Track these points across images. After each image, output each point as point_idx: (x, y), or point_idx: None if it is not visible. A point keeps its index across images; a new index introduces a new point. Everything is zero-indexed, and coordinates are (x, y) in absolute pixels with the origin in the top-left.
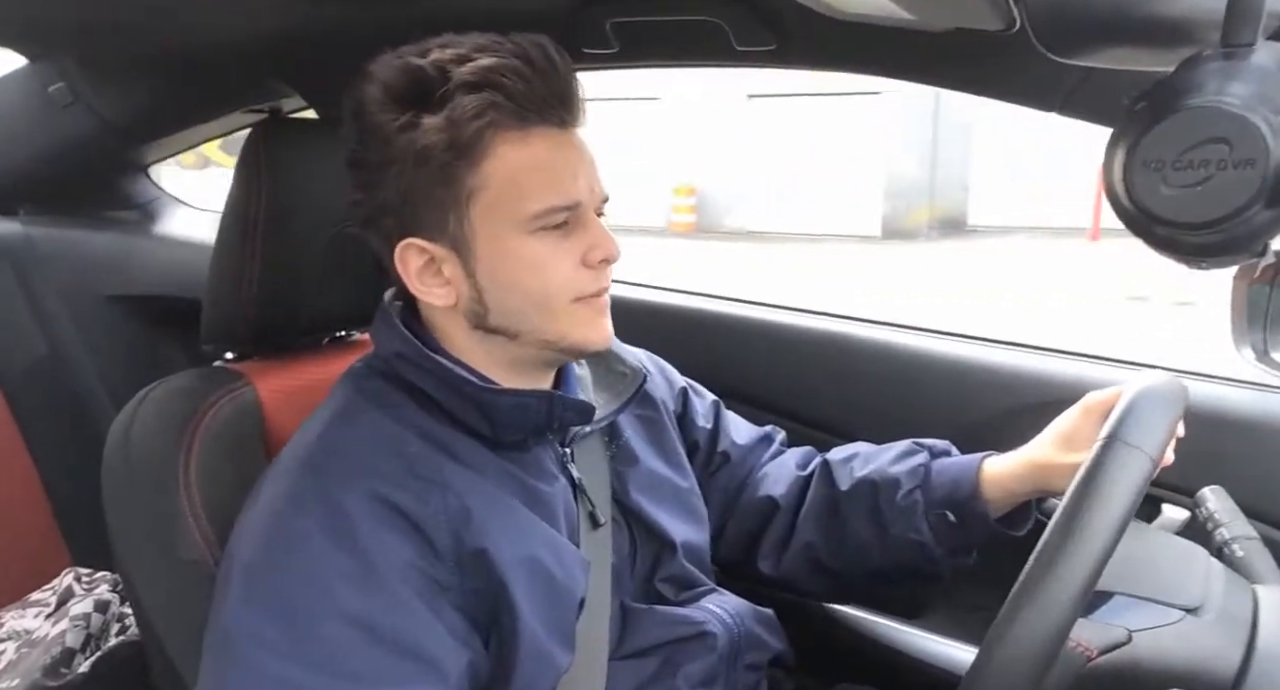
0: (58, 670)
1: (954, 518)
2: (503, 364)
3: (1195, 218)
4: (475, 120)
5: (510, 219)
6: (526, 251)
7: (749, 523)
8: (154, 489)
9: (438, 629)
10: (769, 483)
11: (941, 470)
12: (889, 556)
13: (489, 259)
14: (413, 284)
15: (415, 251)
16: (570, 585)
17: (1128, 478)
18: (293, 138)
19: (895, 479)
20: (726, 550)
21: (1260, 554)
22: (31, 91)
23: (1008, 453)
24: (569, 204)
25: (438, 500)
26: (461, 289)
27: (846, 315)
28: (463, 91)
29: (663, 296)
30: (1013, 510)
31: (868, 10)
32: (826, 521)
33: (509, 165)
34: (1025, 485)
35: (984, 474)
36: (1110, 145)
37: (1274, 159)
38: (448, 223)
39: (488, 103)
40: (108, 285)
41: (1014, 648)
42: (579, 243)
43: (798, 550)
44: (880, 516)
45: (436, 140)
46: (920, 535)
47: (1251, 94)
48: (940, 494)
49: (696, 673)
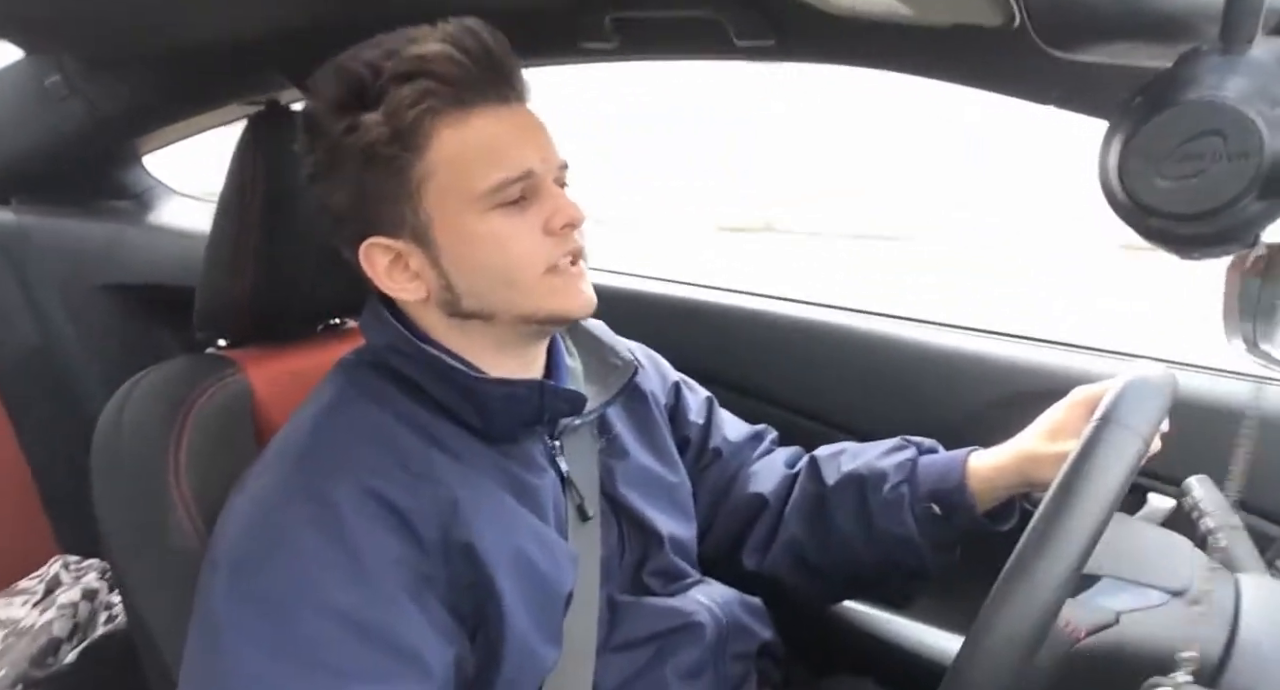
0: (45, 659)
1: (939, 511)
2: (487, 349)
3: (1188, 209)
4: (413, 109)
5: (462, 200)
6: (485, 229)
7: (736, 520)
8: (143, 476)
9: (423, 624)
10: (757, 480)
11: (928, 464)
12: (874, 551)
13: (450, 245)
14: (383, 283)
15: (379, 250)
16: (557, 580)
17: (1120, 456)
18: (289, 129)
19: (883, 472)
20: (713, 547)
21: (1244, 543)
22: (28, 84)
23: (994, 447)
24: (519, 174)
25: (427, 493)
26: (430, 280)
27: (840, 306)
28: (396, 83)
29: (653, 286)
30: (997, 507)
31: (867, 6)
32: (812, 517)
33: (453, 148)
34: (1011, 478)
35: (970, 466)
36: (1106, 138)
37: (1268, 152)
38: (404, 216)
39: (423, 90)
40: (101, 274)
41: (1007, 621)
42: (538, 212)
43: (783, 546)
44: (866, 509)
45: (379, 134)
46: (905, 528)
47: (1248, 88)
48: (926, 487)
49: (685, 663)
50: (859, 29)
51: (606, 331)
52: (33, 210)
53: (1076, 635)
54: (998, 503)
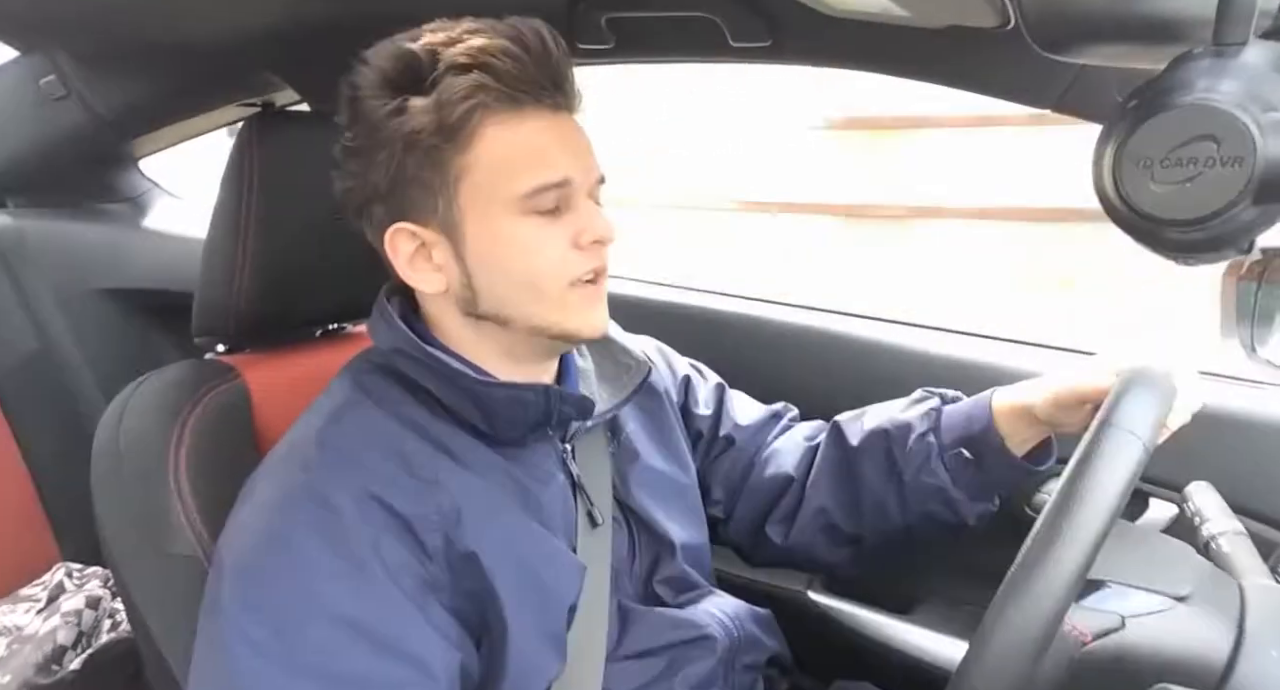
0: (49, 667)
1: (970, 455)
2: (498, 354)
3: (1182, 214)
4: (464, 102)
5: (498, 200)
6: (515, 234)
7: (760, 501)
8: (143, 482)
9: (428, 631)
10: (778, 458)
11: (953, 411)
12: (908, 509)
13: (478, 242)
14: (403, 269)
15: (406, 236)
16: (562, 591)
17: (1122, 460)
18: (285, 131)
19: (907, 424)
20: (738, 532)
21: (1246, 549)
22: (22, 84)
23: (1017, 384)
24: (557, 181)
25: (431, 500)
26: (452, 274)
27: (850, 312)
28: (452, 73)
29: (663, 292)
30: (1033, 449)
31: (863, 7)
32: (839, 482)
33: (497, 146)
34: (1041, 412)
35: (995, 407)
36: (1100, 141)
37: (1261, 157)
38: (437, 206)
39: (476, 84)
40: (98, 278)
41: (1013, 626)
42: (569, 225)
43: (810, 516)
44: (894, 465)
45: (425, 123)
46: (938, 478)
47: (1241, 92)
48: (953, 434)
49: (696, 675)
50: (855, 30)
51: (618, 330)
52: (29, 213)
53: (1083, 639)
54: (1031, 444)
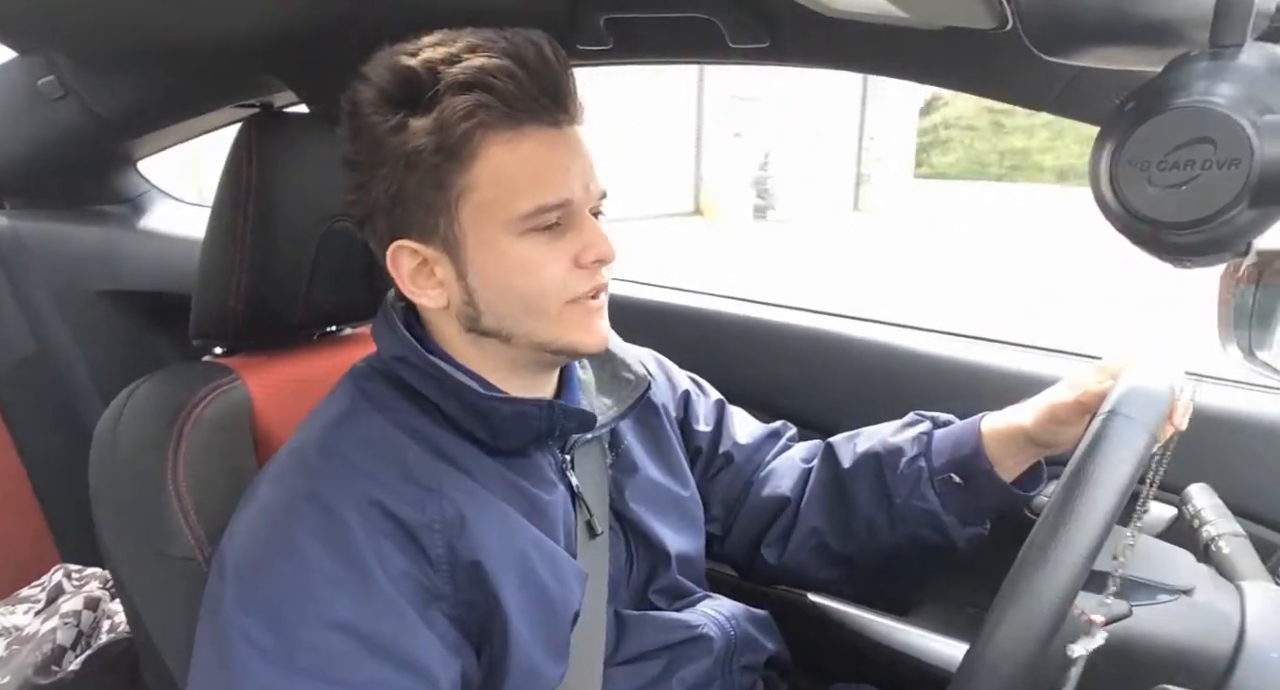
0: (49, 667)
1: (959, 479)
2: (500, 367)
3: (1179, 217)
4: (464, 122)
5: (500, 220)
6: (517, 253)
7: (757, 520)
8: (141, 485)
9: (430, 638)
10: (775, 478)
11: (943, 435)
12: (898, 531)
13: (480, 261)
14: (405, 286)
15: (407, 253)
16: (564, 598)
17: (1129, 448)
18: (283, 133)
19: (898, 448)
20: (734, 551)
21: (1246, 550)
22: (21, 84)
23: (1007, 408)
24: (559, 202)
25: (434, 508)
26: (453, 291)
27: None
28: (452, 93)
29: (663, 295)
30: (1023, 475)
31: (862, 8)
32: (832, 504)
33: (498, 166)
34: (1030, 435)
35: (985, 431)
36: (1097, 144)
37: (1258, 159)
38: (438, 225)
39: (477, 104)
40: (96, 280)
41: (1024, 606)
42: (572, 243)
43: (803, 537)
44: (885, 488)
45: (425, 143)
46: (928, 502)
47: (1238, 94)
48: (943, 458)
49: (692, 676)
50: (853, 32)
51: (618, 342)
52: (27, 215)
53: (1095, 623)
54: (1021, 468)
